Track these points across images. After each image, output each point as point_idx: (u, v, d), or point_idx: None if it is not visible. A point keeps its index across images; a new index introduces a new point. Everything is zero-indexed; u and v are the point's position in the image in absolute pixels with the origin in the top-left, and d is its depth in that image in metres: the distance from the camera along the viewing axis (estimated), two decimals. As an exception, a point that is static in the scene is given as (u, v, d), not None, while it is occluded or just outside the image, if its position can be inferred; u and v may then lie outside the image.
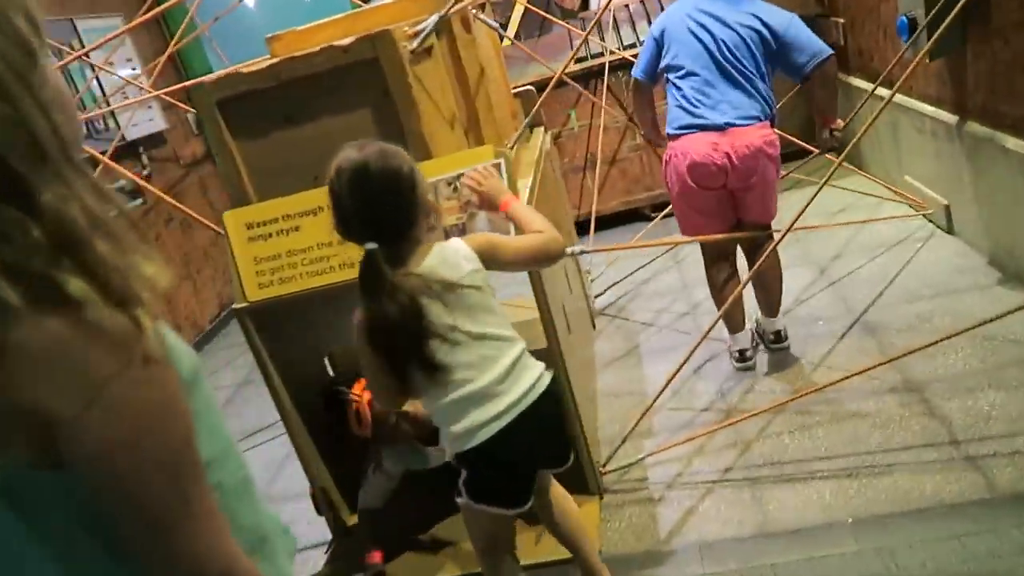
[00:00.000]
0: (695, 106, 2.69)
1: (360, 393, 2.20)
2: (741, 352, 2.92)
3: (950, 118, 3.24)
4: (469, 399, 1.60)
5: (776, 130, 2.76)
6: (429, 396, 1.64)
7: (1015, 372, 2.45)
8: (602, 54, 4.36)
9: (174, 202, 2.66)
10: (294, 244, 2.19)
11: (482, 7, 2.91)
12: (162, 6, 3.31)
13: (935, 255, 3.35)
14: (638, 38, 4.51)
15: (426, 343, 1.55)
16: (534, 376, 1.67)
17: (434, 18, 2.18)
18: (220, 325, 5.06)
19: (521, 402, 1.62)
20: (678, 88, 2.76)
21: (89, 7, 4.44)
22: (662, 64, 2.83)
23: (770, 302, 2.94)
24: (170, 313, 4.59)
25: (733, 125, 2.64)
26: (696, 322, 3.37)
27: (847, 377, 2.47)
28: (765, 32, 2.65)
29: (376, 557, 2.32)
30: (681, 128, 2.73)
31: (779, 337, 2.96)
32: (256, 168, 2.23)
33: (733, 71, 2.66)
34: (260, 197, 2.26)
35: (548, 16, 4.11)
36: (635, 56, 4.06)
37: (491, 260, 1.66)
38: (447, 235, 2.11)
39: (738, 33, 2.66)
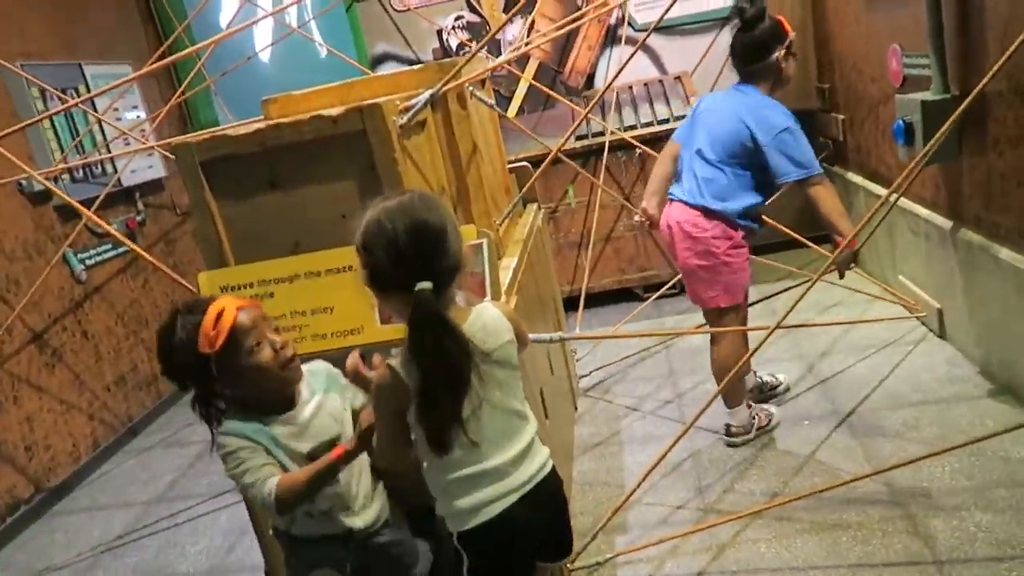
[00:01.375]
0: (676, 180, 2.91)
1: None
2: (728, 427, 2.95)
3: (944, 223, 3.22)
4: (482, 475, 1.52)
5: (749, 224, 2.79)
6: (435, 467, 1.54)
7: (1003, 492, 2.37)
8: (603, 133, 4.38)
9: (149, 258, 2.62)
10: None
11: (482, 83, 2.93)
12: (168, 59, 3.33)
13: (926, 360, 3.30)
14: (639, 120, 4.55)
15: (464, 400, 1.46)
16: (542, 459, 1.60)
17: (425, 95, 2.17)
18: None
19: (529, 482, 1.55)
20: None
21: (99, 54, 4.49)
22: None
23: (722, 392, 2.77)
24: (149, 363, 4.51)
25: (681, 201, 2.81)
26: (680, 411, 3.29)
27: (830, 488, 2.39)
28: (752, 136, 2.67)
29: None
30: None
31: (726, 431, 2.95)
32: (236, 231, 2.19)
33: (708, 155, 2.76)
34: (237, 260, 2.21)
35: (552, 93, 4.15)
36: (635, 138, 4.13)
37: (517, 336, 1.61)
38: (423, 313, 2.08)
39: (731, 126, 2.71)
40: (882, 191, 3.97)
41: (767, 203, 2.84)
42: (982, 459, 2.54)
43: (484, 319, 1.53)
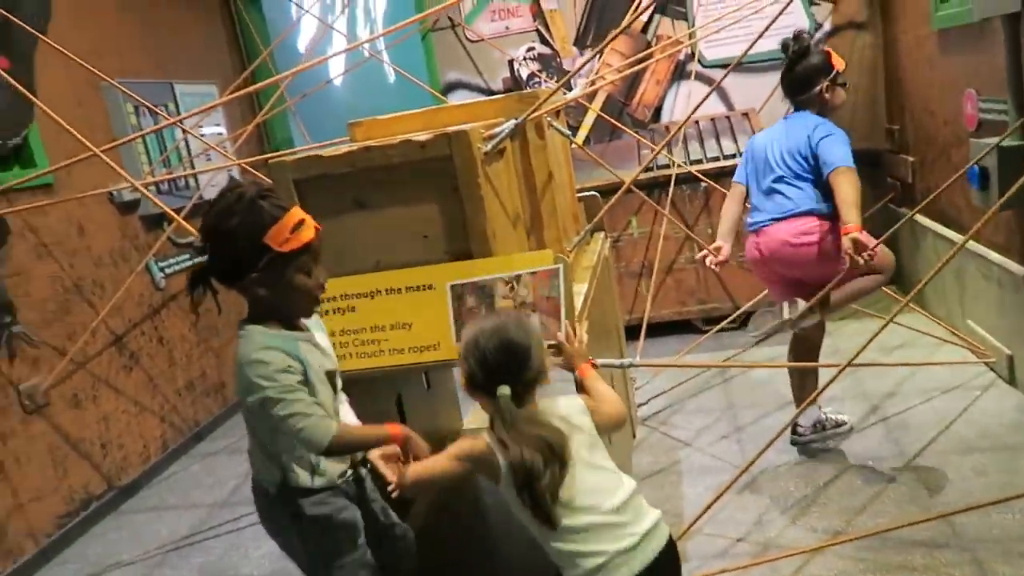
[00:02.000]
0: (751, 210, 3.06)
1: None
2: (795, 427, 3.08)
3: (1018, 269, 3.18)
4: (592, 529, 1.60)
5: None
6: (548, 538, 1.63)
7: (1076, 544, 2.32)
8: (669, 166, 4.43)
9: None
10: (348, 324, 2.23)
11: (556, 114, 3.01)
12: (252, 87, 3.50)
13: (994, 406, 3.24)
14: (705, 154, 4.59)
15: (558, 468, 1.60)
16: (654, 518, 1.68)
17: (511, 124, 2.26)
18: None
19: (649, 540, 1.63)
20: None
21: (187, 74, 4.72)
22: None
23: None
24: (218, 370, 4.68)
25: (765, 225, 2.94)
26: (740, 446, 3.29)
27: (895, 528, 2.37)
28: (809, 144, 2.86)
29: None
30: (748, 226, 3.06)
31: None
32: (323, 246, 2.29)
33: (788, 176, 2.91)
34: (322, 274, 2.31)
35: (618, 125, 4.22)
36: (700, 171, 4.17)
37: (596, 412, 1.75)
38: (498, 333, 2.15)
39: (797, 142, 2.90)
40: (950, 234, 3.93)
41: None
42: (1054, 510, 2.49)
43: (557, 406, 1.71)
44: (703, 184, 4.34)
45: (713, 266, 3.05)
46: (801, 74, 2.94)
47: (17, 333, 3.33)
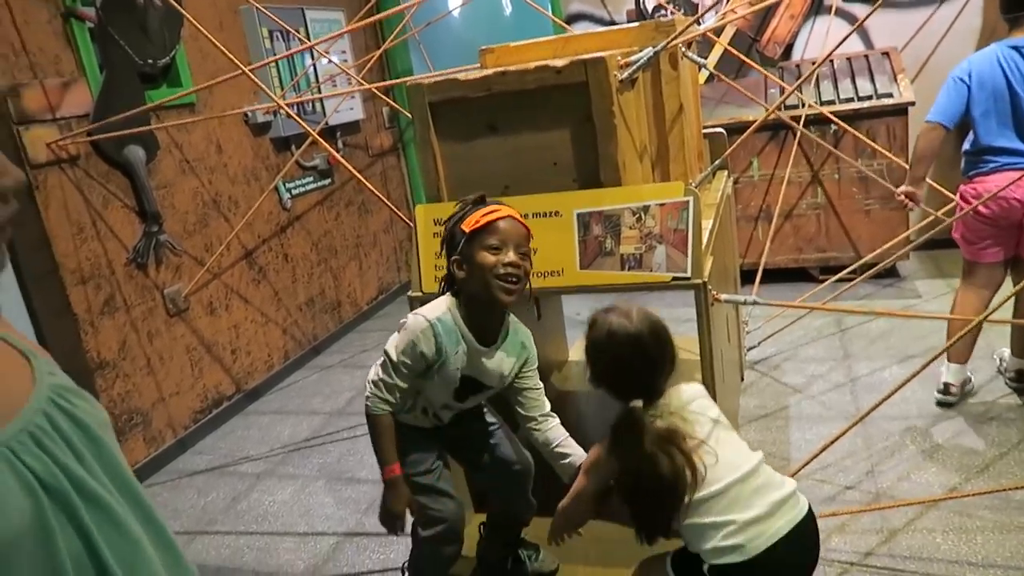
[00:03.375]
0: (1009, 147, 2.75)
1: None
2: (947, 385, 2.99)
3: None
4: (719, 499, 1.57)
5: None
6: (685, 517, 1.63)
7: None
8: (797, 106, 4.25)
9: (366, 183, 2.84)
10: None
11: (688, 45, 2.93)
12: (382, 14, 3.55)
13: None
14: (838, 95, 4.37)
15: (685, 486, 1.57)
16: (789, 489, 1.62)
17: (648, 52, 2.22)
18: (376, 307, 5.34)
19: (785, 510, 1.58)
20: (985, 131, 2.79)
21: (318, -1, 4.83)
22: (974, 112, 2.79)
23: (1022, 342, 2.99)
24: (335, 290, 4.90)
25: None
26: (854, 396, 3.22)
27: (1018, 487, 2.29)
28: None
29: None
30: (988, 167, 2.79)
31: (1020, 377, 3.03)
32: (453, 169, 2.36)
33: None
34: (451, 197, 2.38)
35: (748, 60, 4.06)
36: (833, 113, 3.98)
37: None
38: (623, 263, 2.17)
39: None
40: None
41: None
42: None
43: (687, 395, 1.70)
44: (833, 127, 4.15)
45: (907, 204, 3.07)
46: None
47: (163, 242, 3.58)
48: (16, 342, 0.69)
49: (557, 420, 2.00)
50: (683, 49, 2.61)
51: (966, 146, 2.87)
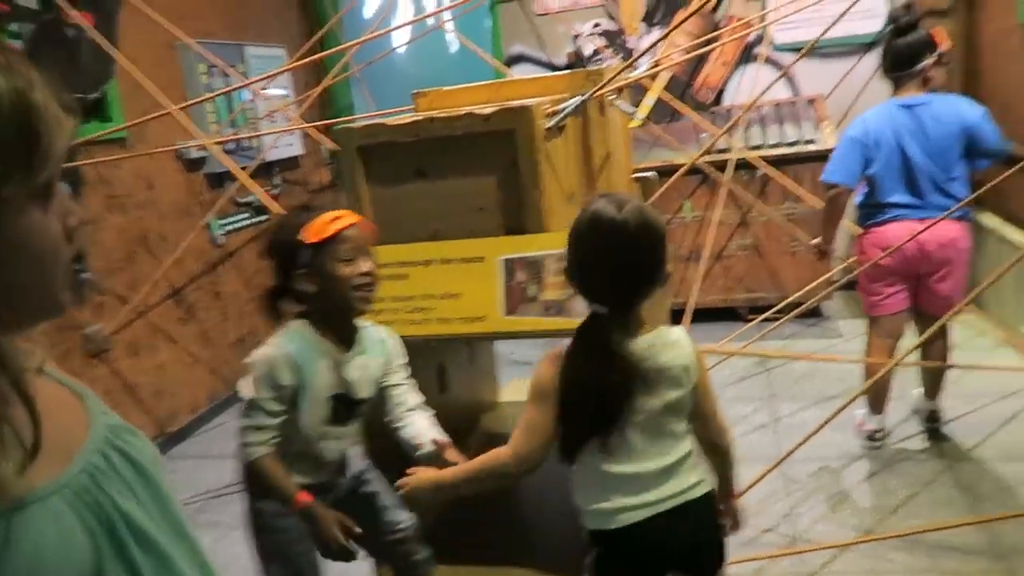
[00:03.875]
0: (902, 201, 2.87)
1: None
2: (873, 433, 3.10)
3: (1083, 278, 3.10)
4: (624, 481, 1.50)
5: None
6: (579, 465, 1.55)
7: (1117, 561, 2.29)
8: (728, 150, 4.39)
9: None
10: (400, 291, 2.29)
11: (619, 92, 3.01)
12: (321, 54, 3.57)
13: (1044, 416, 3.18)
14: (766, 140, 4.52)
15: (623, 416, 1.48)
16: (695, 479, 1.54)
17: (576, 100, 2.28)
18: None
19: (677, 498, 1.51)
20: (880, 187, 2.90)
21: (257, 36, 4.82)
22: (870, 170, 2.89)
23: (934, 384, 3.13)
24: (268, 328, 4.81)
25: (932, 218, 2.74)
26: (775, 438, 3.29)
27: (928, 531, 2.36)
28: (964, 125, 2.80)
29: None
30: (884, 218, 2.91)
31: (934, 416, 3.16)
32: (381, 213, 2.36)
33: (934, 171, 2.81)
34: (379, 241, 2.37)
35: (680, 106, 4.19)
36: (761, 158, 4.12)
37: (698, 371, 1.53)
38: (546, 309, 2.20)
39: (940, 128, 2.79)
40: (1018, 237, 3.83)
41: None
42: (1098, 525, 2.45)
43: (665, 338, 1.52)
44: (760, 171, 4.29)
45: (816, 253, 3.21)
46: (908, 47, 2.81)
47: (85, 280, 3.48)
48: (68, 382, 0.69)
49: (425, 412, 1.92)
50: (611, 97, 2.68)
51: (860, 199, 2.98)
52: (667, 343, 1.51)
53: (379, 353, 1.92)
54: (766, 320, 4.34)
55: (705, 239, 4.50)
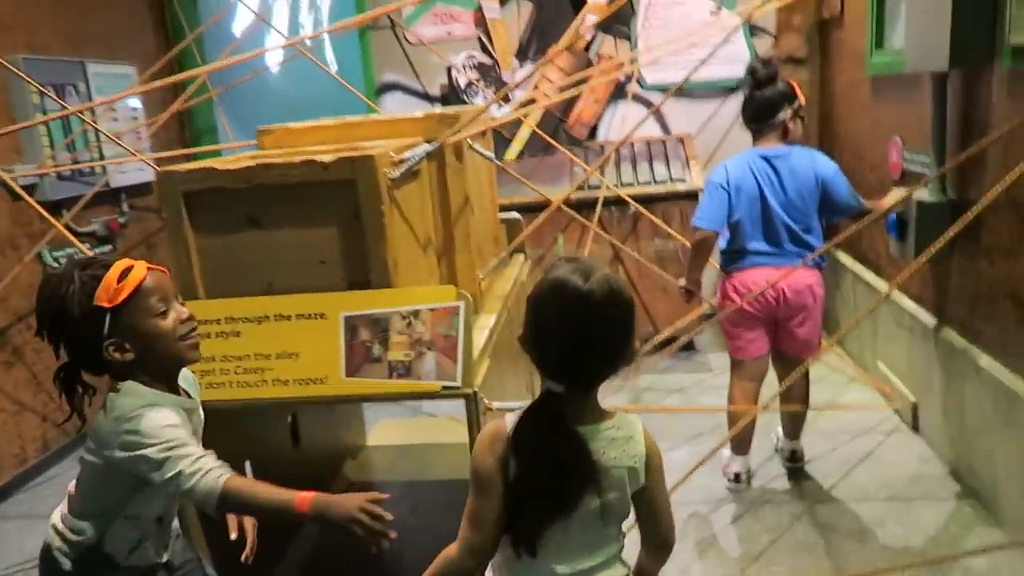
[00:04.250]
0: (760, 249, 2.90)
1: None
2: (737, 475, 3.10)
3: (929, 319, 3.22)
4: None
5: None
6: (506, 560, 1.43)
7: (960, 608, 2.33)
8: (599, 186, 4.37)
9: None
10: (231, 350, 2.09)
11: (483, 134, 2.91)
12: (175, 77, 3.30)
13: (897, 453, 3.27)
14: (637, 178, 4.54)
15: (566, 509, 1.35)
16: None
17: (423, 149, 2.14)
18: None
19: None
20: (740, 234, 2.92)
21: (103, 52, 4.45)
22: (732, 217, 2.91)
23: (795, 425, 3.17)
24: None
25: (789, 265, 2.83)
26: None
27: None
28: (819, 178, 2.86)
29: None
30: (744, 265, 2.93)
31: (795, 456, 3.20)
32: (210, 264, 2.15)
33: (791, 221, 2.86)
34: (208, 293, 2.16)
35: (552, 142, 4.14)
36: (631, 195, 4.12)
37: (649, 471, 1.41)
38: (391, 370, 2.04)
39: (796, 181, 2.85)
40: (870, 276, 3.98)
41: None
42: (941, 568, 2.51)
43: (624, 430, 1.39)
44: (632, 208, 4.30)
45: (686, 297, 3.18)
46: (768, 99, 2.88)
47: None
48: None
49: None
50: (469, 141, 2.56)
51: (722, 244, 3.02)
52: (620, 438, 1.38)
53: (197, 394, 1.72)
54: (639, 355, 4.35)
55: (579, 274, 4.47)
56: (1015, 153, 2.30)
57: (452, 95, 5.04)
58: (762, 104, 2.88)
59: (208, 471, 1.44)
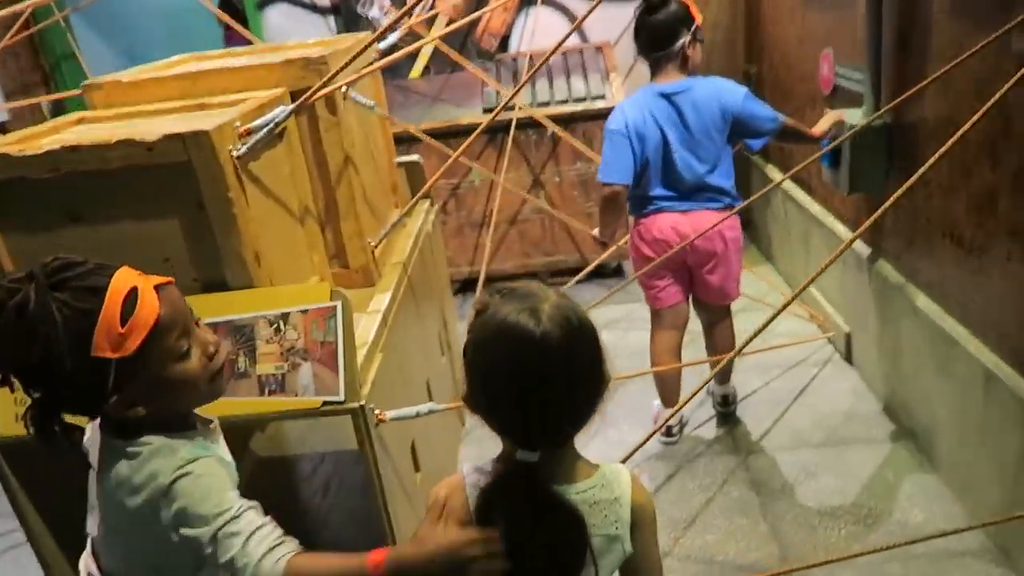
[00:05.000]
0: (663, 194, 2.66)
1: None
2: (669, 428, 2.94)
3: (863, 249, 3.03)
4: None
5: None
6: None
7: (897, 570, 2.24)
8: (512, 108, 3.99)
9: None
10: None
11: (364, 77, 2.49)
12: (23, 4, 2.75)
13: (831, 388, 3.15)
14: (553, 96, 4.16)
15: None
16: None
17: (272, 116, 1.75)
18: None
19: None
20: (644, 179, 2.66)
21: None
22: (636, 163, 2.61)
23: (723, 371, 2.98)
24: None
25: (694, 210, 2.63)
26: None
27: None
28: (725, 112, 2.57)
29: None
30: (648, 211, 2.69)
31: (726, 400, 3.04)
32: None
33: (696, 162, 2.60)
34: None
35: (460, 59, 3.72)
36: (549, 116, 3.76)
37: (637, 531, 1.17)
38: (262, 387, 1.73)
39: (700, 118, 2.55)
40: (801, 195, 3.77)
41: None
42: (874, 519, 2.41)
43: (608, 489, 1.15)
44: (550, 131, 3.95)
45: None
46: (663, 24, 2.54)
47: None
48: None
49: None
50: (344, 89, 2.16)
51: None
52: (603, 500, 1.13)
53: None
54: (564, 283, 4.10)
55: (496, 204, 4.14)
56: (956, 72, 2.04)
57: (345, 8, 4.49)
58: (657, 32, 2.55)
59: (273, 547, 1.13)
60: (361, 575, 1.13)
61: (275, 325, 1.71)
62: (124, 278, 1.09)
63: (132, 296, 1.07)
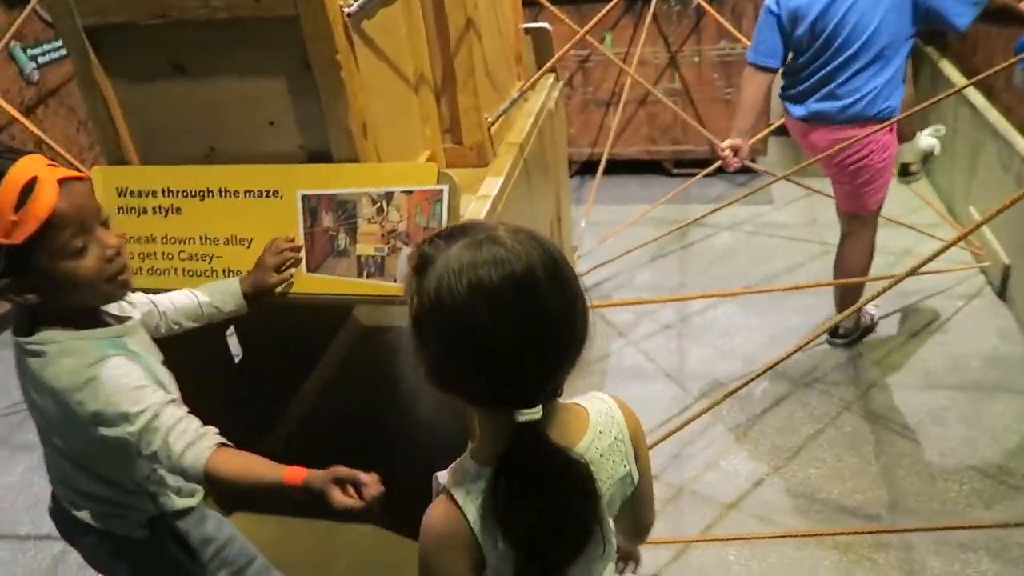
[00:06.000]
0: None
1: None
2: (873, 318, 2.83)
3: (1046, 172, 2.62)
4: None
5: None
6: None
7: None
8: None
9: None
10: (174, 230, 1.71)
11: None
12: None
13: (975, 325, 2.83)
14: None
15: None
16: None
17: (392, -28, 1.57)
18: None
19: None
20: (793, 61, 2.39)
21: None
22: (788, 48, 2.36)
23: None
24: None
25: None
26: (679, 343, 2.90)
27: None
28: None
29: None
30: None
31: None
32: (137, 121, 1.71)
33: (857, 50, 2.25)
34: (143, 158, 1.75)
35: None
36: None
37: (638, 460, 1.06)
38: (360, 268, 1.65)
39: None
40: (980, 101, 3.28)
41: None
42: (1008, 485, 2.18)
43: (604, 437, 1.00)
44: (694, 2, 3.57)
45: (731, 169, 2.60)
46: None
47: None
48: None
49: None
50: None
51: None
52: (606, 448, 1.00)
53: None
54: (690, 175, 3.81)
55: (627, 81, 3.83)
56: None
57: None
58: None
59: (197, 435, 1.18)
60: (275, 483, 1.15)
61: (378, 204, 1.60)
62: (26, 166, 1.08)
63: (30, 186, 1.07)
